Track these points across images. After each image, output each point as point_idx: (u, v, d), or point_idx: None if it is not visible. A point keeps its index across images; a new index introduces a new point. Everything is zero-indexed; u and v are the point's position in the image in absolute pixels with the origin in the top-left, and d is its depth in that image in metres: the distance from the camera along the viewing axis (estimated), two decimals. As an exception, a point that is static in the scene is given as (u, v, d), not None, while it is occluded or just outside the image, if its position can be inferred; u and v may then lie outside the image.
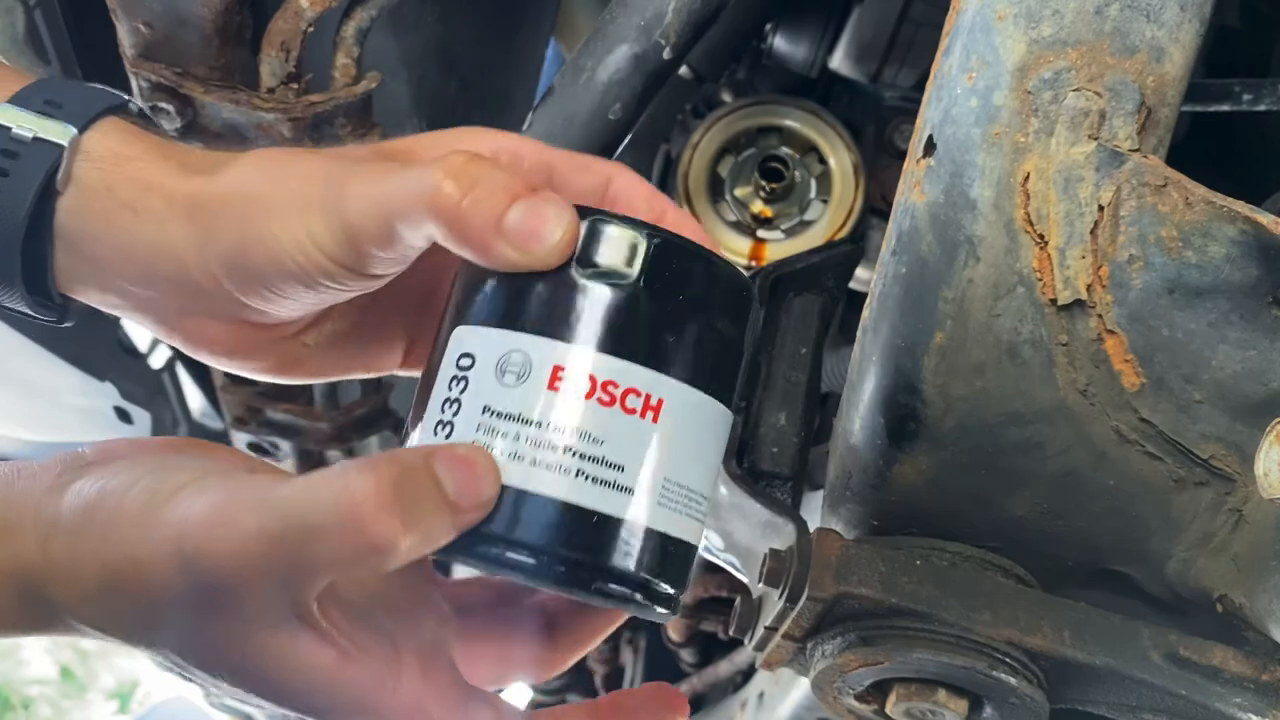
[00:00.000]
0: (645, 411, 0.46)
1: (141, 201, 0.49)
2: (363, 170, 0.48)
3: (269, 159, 0.50)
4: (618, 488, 0.46)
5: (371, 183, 0.46)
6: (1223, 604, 0.58)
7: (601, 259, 0.46)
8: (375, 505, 0.41)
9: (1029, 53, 0.52)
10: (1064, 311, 0.53)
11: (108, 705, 4.38)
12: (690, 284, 0.48)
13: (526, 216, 0.44)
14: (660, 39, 0.79)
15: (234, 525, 0.42)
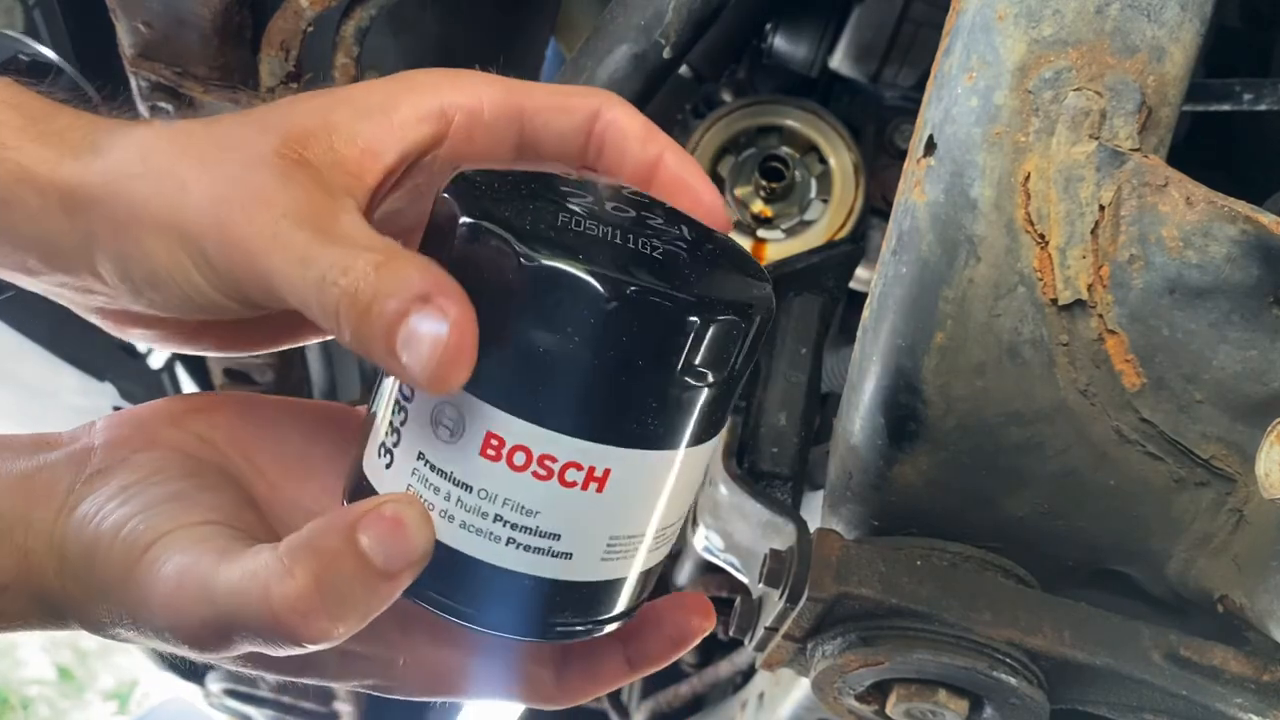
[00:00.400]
0: (588, 484, 0.42)
1: (13, 193, 0.44)
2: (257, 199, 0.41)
3: (154, 141, 0.43)
4: (553, 554, 0.43)
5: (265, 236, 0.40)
6: (1223, 604, 0.58)
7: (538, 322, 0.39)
8: (301, 610, 0.40)
9: (1029, 52, 0.52)
10: (1064, 311, 0.53)
11: (106, 705, 4.38)
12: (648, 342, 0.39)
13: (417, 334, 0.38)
14: (660, 39, 0.79)
15: (183, 615, 0.43)
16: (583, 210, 0.42)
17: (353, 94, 0.45)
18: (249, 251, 0.40)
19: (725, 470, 0.67)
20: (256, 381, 1.31)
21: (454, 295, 0.38)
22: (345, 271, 0.38)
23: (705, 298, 0.40)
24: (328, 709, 1.94)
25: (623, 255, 0.39)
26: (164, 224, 0.42)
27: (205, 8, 0.73)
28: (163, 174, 0.42)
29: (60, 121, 0.45)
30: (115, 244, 0.43)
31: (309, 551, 0.41)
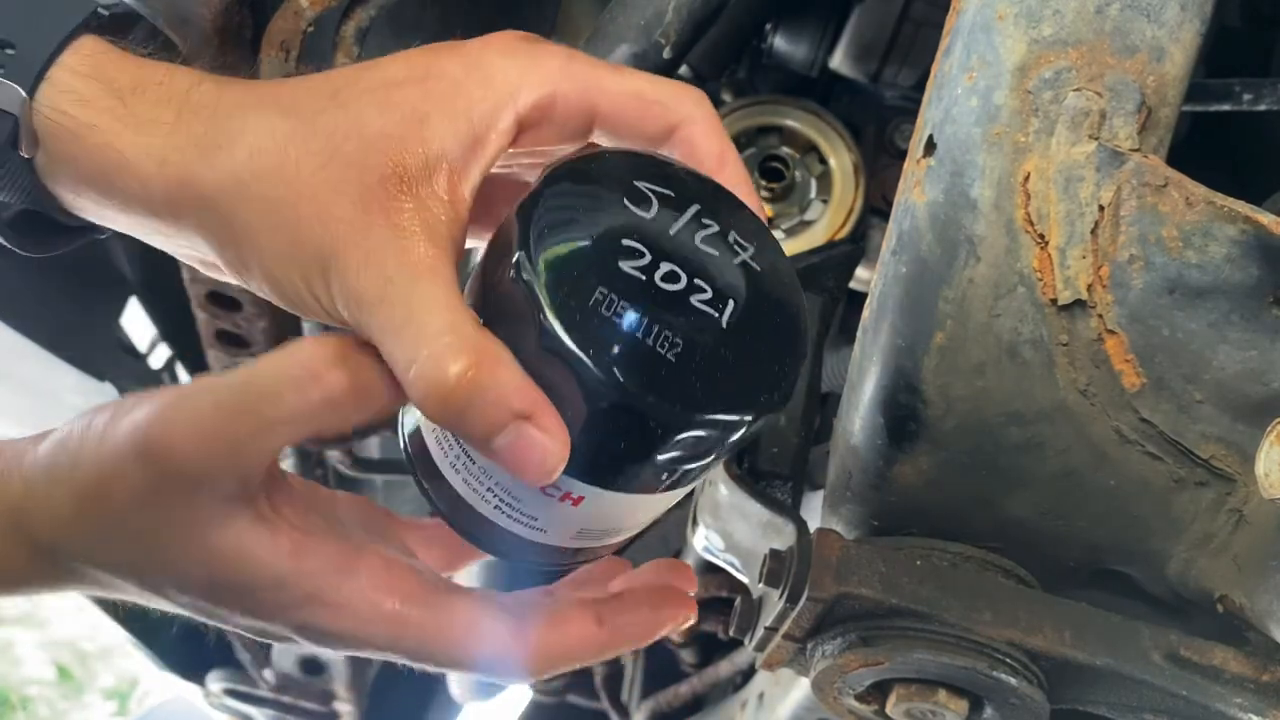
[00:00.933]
0: (564, 500, 0.47)
1: (114, 182, 0.47)
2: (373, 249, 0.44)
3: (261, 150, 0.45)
4: (531, 526, 0.49)
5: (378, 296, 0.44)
6: (1223, 604, 0.58)
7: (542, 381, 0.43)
8: (325, 361, 0.44)
9: (1029, 52, 0.52)
10: (1064, 311, 0.53)
11: (106, 705, 4.38)
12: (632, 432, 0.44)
13: (512, 447, 0.43)
14: (660, 39, 0.79)
15: (187, 405, 0.44)
16: (634, 269, 0.44)
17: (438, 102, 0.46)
18: (359, 302, 0.44)
19: (725, 470, 0.67)
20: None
21: (550, 415, 0.43)
22: (439, 365, 0.42)
23: (694, 412, 0.43)
24: (328, 709, 1.94)
25: (638, 349, 0.42)
26: (281, 248, 0.45)
27: (205, 8, 0.73)
28: (278, 197, 0.45)
29: (150, 96, 0.46)
30: (226, 245, 0.47)
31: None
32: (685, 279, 0.44)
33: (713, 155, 0.50)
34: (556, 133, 0.49)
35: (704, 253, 0.45)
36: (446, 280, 0.44)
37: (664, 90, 0.49)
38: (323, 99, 0.46)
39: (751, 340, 0.45)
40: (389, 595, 0.47)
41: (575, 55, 0.49)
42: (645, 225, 0.45)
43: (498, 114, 0.46)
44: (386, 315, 0.44)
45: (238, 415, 0.44)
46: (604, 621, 0.50)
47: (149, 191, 0.46)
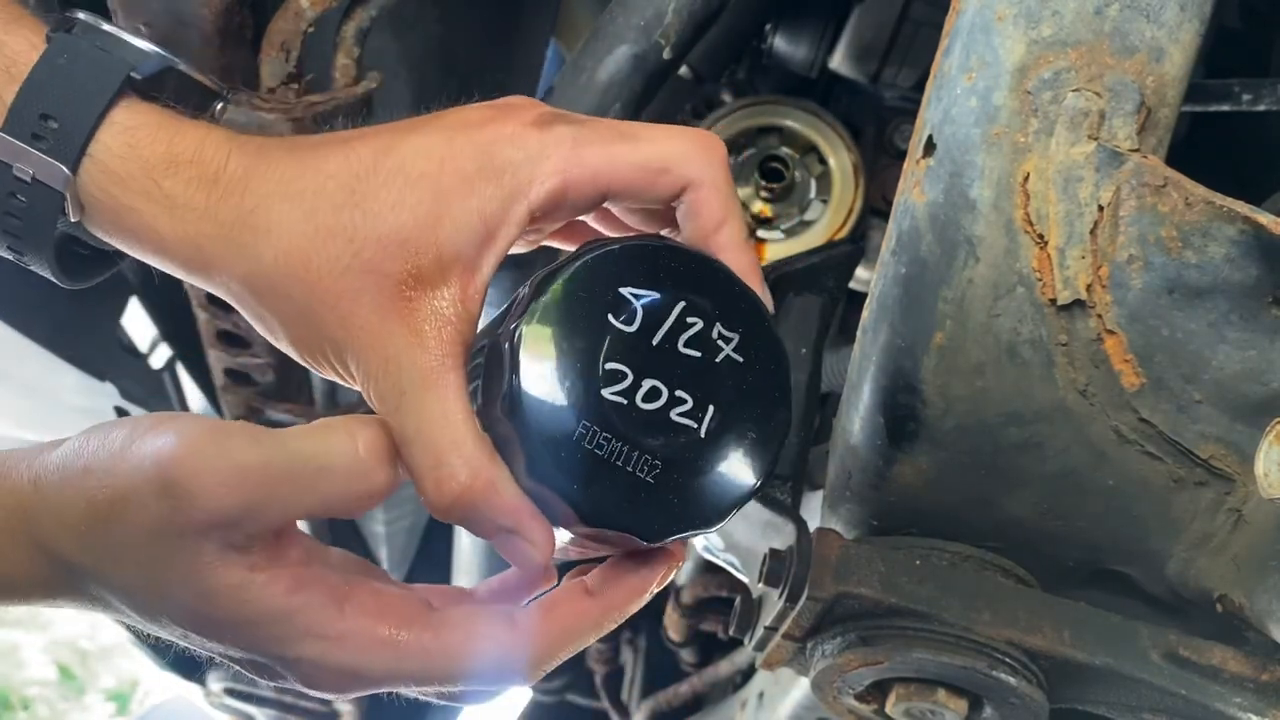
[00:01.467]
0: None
1: (153, 255, 0.51)
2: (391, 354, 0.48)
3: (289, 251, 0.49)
4: None
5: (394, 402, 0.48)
6: (1222, 604, 0.58)
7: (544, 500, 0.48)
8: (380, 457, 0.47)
9: (1029, 53, 0.52)
10: (1064, 311, 0.53)
11: (106, 706, 4.38)
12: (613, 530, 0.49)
13: (503, 547, 0.49)
14: (660, 39, 0.79)
15: (224, 450, 0.46)
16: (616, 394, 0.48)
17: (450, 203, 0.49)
18: (380, 401, 0.49)
19: (725, 470, 0.67)
20: (257, 382, 1.30)
21: (534, 528, 0.48)
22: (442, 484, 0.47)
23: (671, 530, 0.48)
24: (328, 709, 1.94)
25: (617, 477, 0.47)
26: (306, 340, 0.50)
27: (206, 8, 0.73)
28: (301, 301, 0.49)
29: (183, 175, 0.50)
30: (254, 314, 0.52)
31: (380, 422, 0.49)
32: (666, 394, 0.48)
33: (713, 219, 0.52)
34: (569, 212, 0.52)
35: (686, 358, 0.49)
36: (455, 391, 0.48)
37: (674, 153, 0.51)
38: (343, 192, 0.49)
39: (733, 438, 0.49)
40: (382, 621, 0.49)
41: (584, 135, 0.51)
42: (628, 341, 0.48)
43: (509, 210, 0.49)
44: (403, 425, 0.48)
45: (280, 480, 0.46)
46: (594, 592, 0.51)
47: (187, 268, 0.51)
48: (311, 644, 0.48)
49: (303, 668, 0.48)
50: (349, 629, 0.48)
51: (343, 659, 0.48)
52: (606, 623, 0.51)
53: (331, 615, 0.48)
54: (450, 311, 0.49)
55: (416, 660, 0.49)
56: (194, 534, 0.45)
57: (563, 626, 0.51)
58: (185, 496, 0.45)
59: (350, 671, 0.49)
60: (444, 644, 0.49)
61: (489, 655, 0.50)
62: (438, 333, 0.49)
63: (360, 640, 0.48)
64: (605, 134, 0.51)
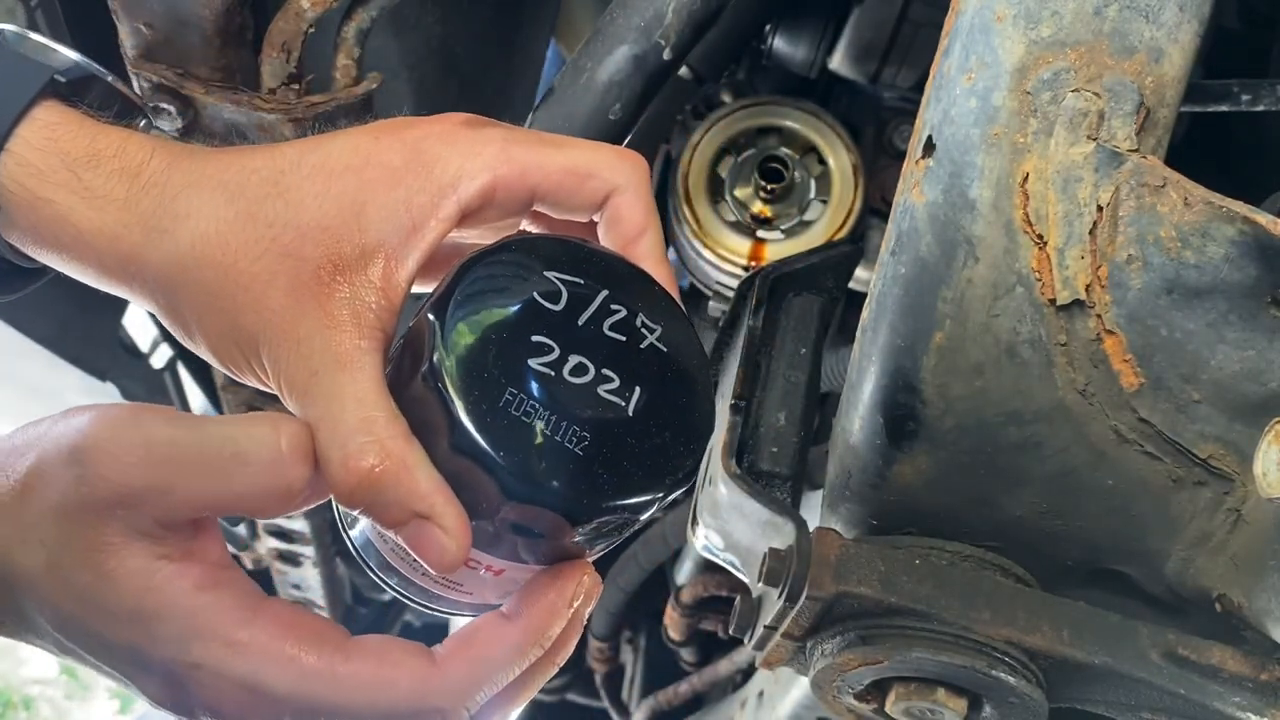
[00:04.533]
0: (485, 571, 0.50)
1: (69, 251, 0.49)
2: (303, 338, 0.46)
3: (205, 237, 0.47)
4: (456, 590, 0.52)
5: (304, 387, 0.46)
6: (1221, 603, 0.58)
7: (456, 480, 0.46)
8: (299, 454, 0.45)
9: (1028, 53, 0.52)
10: (1063, 311, 0.53)
11: (109, 705, 4.38)
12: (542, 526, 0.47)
13: (413, 540, 0.46)
14: (660, 39, 0.79)
15: (141, 428, 0.44)
16: (543, 365, 0.46)
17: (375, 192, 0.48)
18: (290, 389, 0.47)
19: (725, 470, 0.67)
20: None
21: (450, 515, 0.45)
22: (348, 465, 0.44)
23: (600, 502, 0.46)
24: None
25: (545, 446, 0.45)
26: (220, 331, 0.48)
27: (207, 9, 0.74)
28: (216, 284, 0.47)
29: (104, 169, 0.48)
30: (174, 320, 0.49)
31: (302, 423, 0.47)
32: (593, 370, 0.47)
33: (635, 225, 0.52)
34: (499, 212, 0.51)
35: (611, 340, 0.48)
36: (369, 373, 0.46)
37: (599, 161, 0.51)
38: (266, 184, 0.48)
39: (658, 423, 0.48)
40: (292, 636, 0.46)
41: (513, 136, 0.51)
42: (554, 318, 0.47)
43: (437, 204, 0.48)
44: (311, 407, 0.46)
45: (191, 462, 0.44)
46: (511, 615, 0.49)
47: (102, 263, 0.49)
48: (212, 648, 0.45)
49: (200, 676, 0.45)
50: (254, 638, 0.45)
51: (243, 670, 0.45)
52: (529, 647, 0.49)
53: (238, 620, 0.45)
54: (371, 300, 0.47)
55: (323, 684, 0.45)
56: (97, 509, 0.43)
57: (482, 655, 0.48)
58: (91, 465, 0.43)
59: (250, 685, 0.45)
60: (354, 670, 0.46)
61: (403, 686, 0.46)
62: (355, 318, 0.47)
63: (264, 652, 0.45)
64: (534, 138, 0.51)
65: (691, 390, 0.49)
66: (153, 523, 0.44)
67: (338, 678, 0.46)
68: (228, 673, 0.45)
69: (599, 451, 0.46)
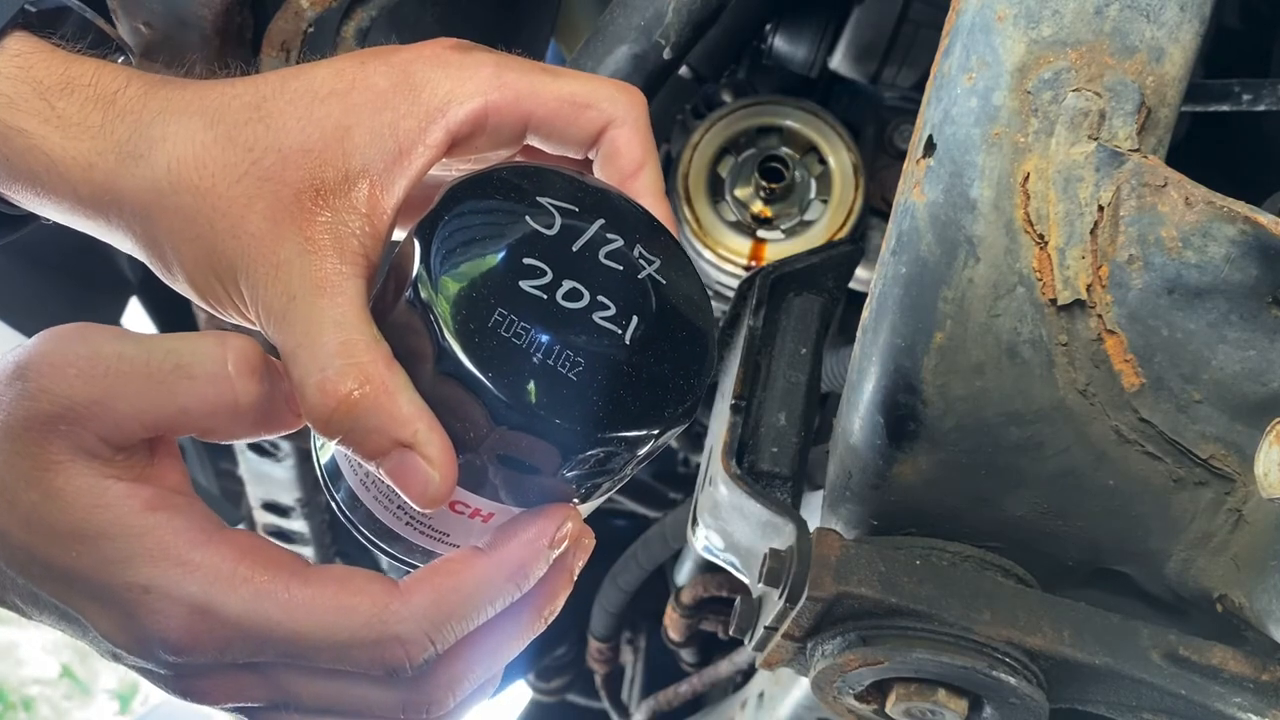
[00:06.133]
0: (474, 516, 0.47)
1: (44, 183, 0.47)
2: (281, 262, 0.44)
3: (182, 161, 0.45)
4: (444, 542, 0.50)
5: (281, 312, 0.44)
6: (1222, 604, 0.58)
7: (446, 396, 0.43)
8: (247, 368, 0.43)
9: (1029, 53, 0.52)
10: (1064, 311, 0.53)
11: (109, 706, 4.38)
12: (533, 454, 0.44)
13: (395, 472, 0.43)
14: (660, 39, 0.79)
15: (87, 343, 0.42)
16: (535, 288, 0.44)
17: (361, 116, 0.46)
18: (267, 315, 0.44)
19: (725, 470, 0.67)
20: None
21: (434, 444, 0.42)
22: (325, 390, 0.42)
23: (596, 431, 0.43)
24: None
25: (538, 370, 0.42)
26: (197, 259, 0.46)
27: (206, 8, 0.73)
28: (194, 209, 0.45)
29: (78, 97, 0.46)
30: (151, 251, 0.47)
31: None
32: (588, 296, 0.44)
33: (633, 160, 0.50)
34: (490, 141, 0.49)
35: (607, 268, 0.45)
36: (350, 298, 0.44)
37: (597, 92, 0.50)
38: (247, 109, 0.46)
39: (656, 355, 0.45)
40: (247, 559, 0.43)
41: (507, 62, 0.48)
42: (547, 242, 0.45)
43: (425, 129, 0.46)
44: (288, 332, 0.44)
45: (136, 376, 0.42)
46: (485, 550, 0.46)
47: (77, 194, 0.46)
48: (162, 568, 0.42)
49: (149, 601, 0.42)
50: (207, 559, 0.43)
51: (194, 590, 0.42)
52: (503, 582, 0.45)
53: (191, 541, 0.43)
54: (354, 225, 0.45)
55: (278, 608, 0.43)
56: (41, 425, 0.42)
57: (450, 584, 0.45)
58: (34, 379, 0.42)
59: (201, 607, 0.42)
60: (312, 594, 0.43)
61: (362, 611, 0.44)
62: (337, 243, 0.44)
63: (217, 573, 0.43)
64: (529, 65, 0.49)
65: (692, 325, 0.46)
66: (98, 440, 0.42)
67: (294, 601, 0.43)
68: (177, 594, 0.42)
69: (594, 378, 0.43)
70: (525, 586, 0.46)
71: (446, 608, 0.45)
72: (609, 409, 0.43)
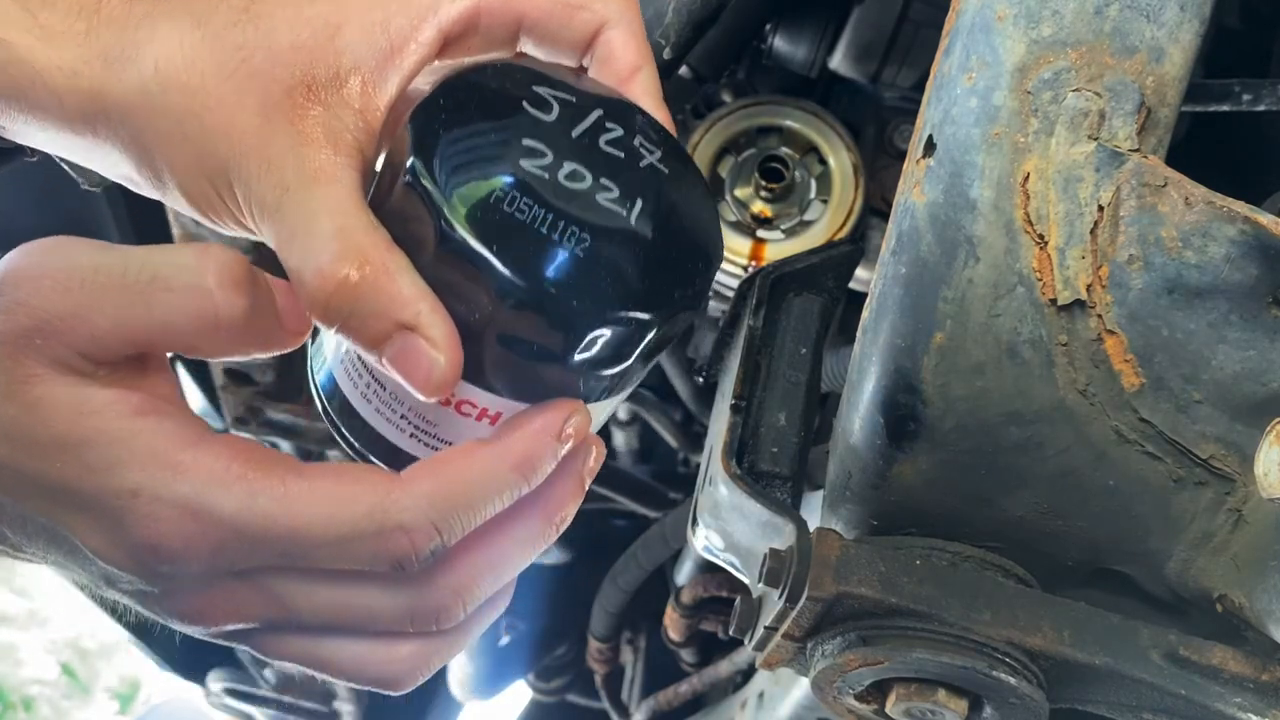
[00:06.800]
0: (481, 418, 0.46)
1: (28, 96, 0.45)
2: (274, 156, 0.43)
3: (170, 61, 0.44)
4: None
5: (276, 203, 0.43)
6: (1222, 604, 0.58)
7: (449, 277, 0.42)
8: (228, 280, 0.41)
9: (1029, 53, 0.52)
10: (1064, 311, 0.53)
11: (109, 705, 4.38)
12: (544, 334, 0.42)
13: (399, 358, 0.42)
14: (660, 39, 0.79)
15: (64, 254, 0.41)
16: (537, 168, 0.42)
17: (351, 14, 0.46)
18: (260, 210, 0.43)
19: (725, 470, 0.67)
20: (257, 381, 1.31)
21: (439, 326, 0.41)
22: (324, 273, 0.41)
23: (605, 307, 0.41)
24: (328, 709, 1.94)
25: (543, 244, 0.41)
26: (187, 157, 0.44)
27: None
28: (183, 107, 0.44)
29: (61, 7, 0.45)
30: (136, 158, 0.45)
31: None
32: (590, 178, 0.43)
33: (629, 63, 0.49)
34: (482, 43, 0.49)
35: (609, 154, 0.44)
36: (346, 186, 0.43)
37: None
38: (235, 11, 0.45)
39: (662, 239, 0.44)
40: (240, 459, 0.42)
41: None
42: (546, 127, 0.44)
43: (417, 26, 0.46)
44: (282, 223, 0.43)
45: (113, 287, 0.41)
46: (489, 441, 0.45)
47: (63, 105, 0.45)
48: (150, 470, 0.41)
49: (137, 506, 0.40)
50: (198, 459, 0.41)
51: (185, 491, 0.41)
52: (509, 472, 0.44)
53: (181, 442, 0.41)
54: (348, 120, 0.44)
55: (274, 502, 0.41)
56: (17, 339, 0.40)
57: (453, 472, 0.43)
58: (9, 292, 0.41)
59: (193, 508, 0.41)
60: (309, 486, 0.42)
61: (363, 501, 0.42)
62: (331, 135, 0.44)
63: (209, 472, 0.41)
64: None
65: (697, 215, 0.45)
66: (77, 355, 0.41)
67: (290, 495, 0.42)
68: (168, 495, 0.41)
69: (600, 255, 0.41)
70: (533, 480, 0.45)
71: (451, 495, 0.43)
72: (616, 287, 0.42)
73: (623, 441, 1.74)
